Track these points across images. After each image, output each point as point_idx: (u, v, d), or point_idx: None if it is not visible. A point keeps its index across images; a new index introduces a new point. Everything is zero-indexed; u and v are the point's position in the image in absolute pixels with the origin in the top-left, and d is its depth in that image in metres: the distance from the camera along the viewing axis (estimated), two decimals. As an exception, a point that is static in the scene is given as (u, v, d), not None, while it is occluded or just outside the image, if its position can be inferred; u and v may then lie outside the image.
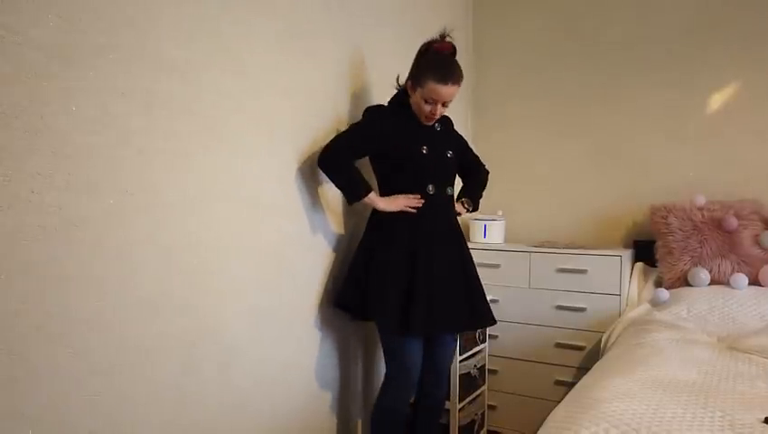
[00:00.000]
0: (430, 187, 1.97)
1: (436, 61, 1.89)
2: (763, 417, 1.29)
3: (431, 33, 2.04)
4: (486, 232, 2.87)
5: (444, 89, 1.87)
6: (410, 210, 1.95)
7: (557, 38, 3.01)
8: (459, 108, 3.08)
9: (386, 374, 2.03)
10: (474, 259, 2.39)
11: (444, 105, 1.94)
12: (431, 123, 2.00)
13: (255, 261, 1.78)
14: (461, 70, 1.92)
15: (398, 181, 1.98)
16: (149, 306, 1.45)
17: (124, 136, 1.38)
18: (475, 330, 2.24)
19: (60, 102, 1.24)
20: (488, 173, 2.35)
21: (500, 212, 2.92)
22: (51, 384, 1.24)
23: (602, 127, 2.92)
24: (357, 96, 2.21)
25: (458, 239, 2.08)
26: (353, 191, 1.94)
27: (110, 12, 1.33)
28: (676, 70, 2.74)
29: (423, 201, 1.96)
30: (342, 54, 2.15)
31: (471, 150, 2.32)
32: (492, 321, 2.09)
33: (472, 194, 2.25)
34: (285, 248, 1.90)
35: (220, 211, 1.65)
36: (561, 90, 3.01)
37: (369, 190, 1.94)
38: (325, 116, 2.05)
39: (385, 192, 2.03)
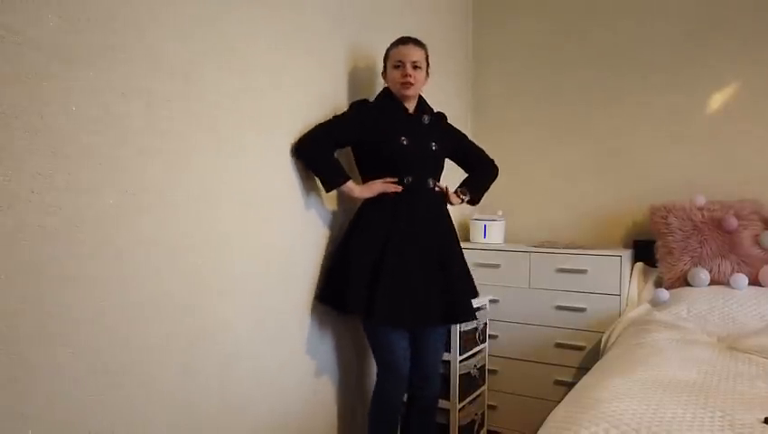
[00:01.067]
0: (408, 178, 1.98)
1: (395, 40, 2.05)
2: (763, 417, 1.29)
3: (431, 35, 2.06)
4: (486, 232, 2.87)
5: (404, 48, 1.99)
6: (388, 192, 1.95)
7: (557, 40, 3.01)
8: (459, 110, 3.08)
9: (377, 377, 2.04)
10: (474, 259, 2.39)
11: (415, 67, 1.98)
12: (410, 90, 2.00)
13: (256, 260, 1.78)
14: (420, 42, 2.04)
15: (377, 171, 1.99)
16: (150, 305, 1.45)
17: (124, 136, 1.38)
18: (448, 325, 2.21)
19: (60, 102, 1.24)
20: (496, 168, 2.30)
21: (500, 212, 2.92)
22: (51, 384, 1.24)
23: (601, 127, 2.92)
24: (357, 97, 2.21)
25: (442, 231, 2.05)
26: (331, 178, 1.93)
27: (110, 11, 1.33)
28: (676, 71, 2.74)
29: (401, 187, 1.96)
30: (343, 56, 2.15)
31: (473, 145, 2.30)
32: (471, 317, 2.06)
33: (472, 185, 2.22)
34: (285, 246, 1.90)
35: (220, 210, 1.65)
36: (561, 92, 3.01)
37: (347, 178, 1.94)
38: (325, 116, 2.05)
39: (365, 182, 2.03)
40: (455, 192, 2.17)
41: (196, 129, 1.56)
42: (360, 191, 1.97)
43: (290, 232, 1.92)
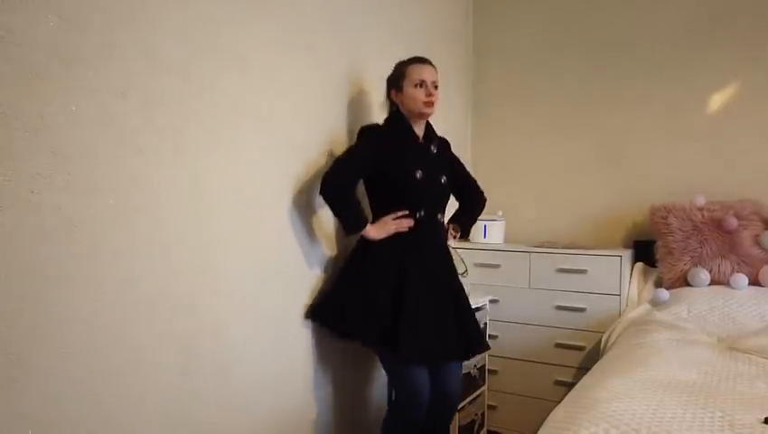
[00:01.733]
0: (421, 212, 1.96)
1: (405, 59, 2.02)
2: (763, 417, 1.29)
3: (431, 33, 2.05)
4: (486, 232, 2.87)
5: (425, 68, 1.98)
6: (401, 230, 1.93)
7: (557, 37, 3.01)
8: (459, 108, 3.08)
9: (395, 399, 2.01)
10: (474, 259, 2.39)
11: (435, 87, 1.99)
12: (431, 110, 1.98)
13: (254, 261, 1.78)
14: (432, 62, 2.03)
15: (391, 203, 1.97)
16: (148, 305, 1.45)
17: (123, 136, 1.38)
18: (468, 358, 2.15)
19: (60, 102, 1.24)
20: (485, 199, 2.30)
21: (500, 213, 2.92)
22: (51, 384, 1.24)
23: (602, 127, 2.92)
24: (355, 96, 2.21)
25: (447, 266, 2.06)
26: (352, 224, 1.93)
27: (110, 11, 1.33)
28: (676, 70, 2.74)
29: (412, 221, 1.94)
30: (342, 54, 2.15)
31: (468, 175, 2.29)
32: (486, 346, 2.09)
33: (463, 220, 2.24)
34: (283, 247, 1.90)
35: (219, 210, 1.65)
36: (561, 90, 3.01)
37: (366, 222, 1.93)
38: (324, 115, 2.05)
39: (377, 212, 2.01)
40: (448, 228, 2.17)
41: (194, 128, 1.56)
42: (376, 233, 1.93)
43: (286, 232, 1.92)
